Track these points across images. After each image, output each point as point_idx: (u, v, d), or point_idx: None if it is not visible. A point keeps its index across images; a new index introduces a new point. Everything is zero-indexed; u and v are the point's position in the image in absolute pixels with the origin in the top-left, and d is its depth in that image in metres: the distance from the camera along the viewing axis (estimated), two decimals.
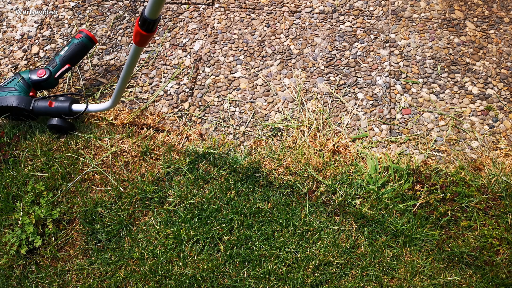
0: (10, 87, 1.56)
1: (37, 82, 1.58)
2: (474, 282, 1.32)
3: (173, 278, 1.36)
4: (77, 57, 1.64)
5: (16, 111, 1.55)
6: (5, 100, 1.53)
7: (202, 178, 1.50)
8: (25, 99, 1.54)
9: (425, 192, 1.43)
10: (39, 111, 1.55)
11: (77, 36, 1.63)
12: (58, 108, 1.55)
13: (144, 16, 1.06)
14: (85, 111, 1.55)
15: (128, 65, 1.28)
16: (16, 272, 1.41)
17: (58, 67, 1.60)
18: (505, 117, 1.61)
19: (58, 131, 1.60)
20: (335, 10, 1.90)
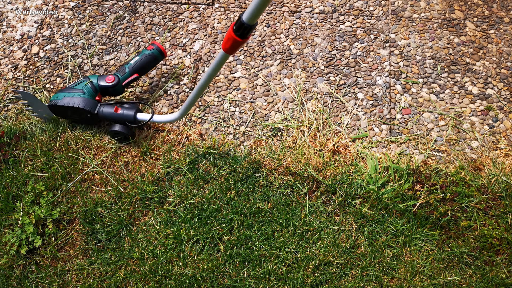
0: (78, 88, 1.55)
1: (105, 88, 1.57)
2: (474, 282, 1.32)
3: (173, 278, 1.36)
4: (146, 68, 1.63)
5: (81, 113, 1.53)
6: (72, 101, 1.51)
7: (202, 178, 1.50)
8: (91, 102, 1.53)
9: (425, 192, 1.43)
10: (104, 116, 1.54)
11: (149, 47, 1.63)
12: (123, 115, 1.53)
13: (241, 20, 0.99)
14: (150, 121, 1.53)
15: (209, 74, 1.20)
16: (16, 272, 1.41)
17: (127, 75, 1.60)
18: (505, 117, 1.61)
19: (119, 138, 1.58)
20: (335, 10, 1.90)
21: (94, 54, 1.84)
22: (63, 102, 1.51)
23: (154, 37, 1.86)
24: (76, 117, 1.57)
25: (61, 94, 1.54)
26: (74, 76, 1.79)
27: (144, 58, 1.61)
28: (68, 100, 1.51)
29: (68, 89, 1.55)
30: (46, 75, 1.80)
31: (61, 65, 1.82)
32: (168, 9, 1.94)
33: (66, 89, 1.56)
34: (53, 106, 1.53)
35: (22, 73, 1.82)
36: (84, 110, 1.51)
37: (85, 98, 1.52)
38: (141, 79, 1.77)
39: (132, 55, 1.74)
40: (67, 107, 1.51)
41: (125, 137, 1.56)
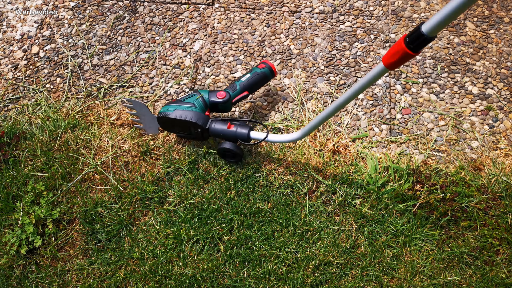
0: (189, 102, 1.48)
1: (215, 104, 1.51)
2: (474, 282, 1.32)
3: (173, 278, 1.36)
4: (256, 86, 1.59)
5: (192, 127, 1.47)
6: (184, 114, 1.45)
7: (202, 178, 1.50)
8: (203, 116, 1.46)
9: (425, 192, 1.43)
10: (215, 132, 1.47)
11: (260, 66, 1.59)
12: (236, 133, 1.45)
13: (420, 31, 0.88)
14: (264, 140, 1.44)
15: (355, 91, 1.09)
16: (16, 272, 1.41)
17: (238, 92, 1.54)
18: (505, 117, 1.61)
19: (229, 156, 1.50)
20: (335, 10, 1.90)
21: (94, 54, 1.84)
22: (174, 114, 1.44)
23: (154, 37, 1.86)
24: (185, 131, 1.51)
25: (171, 107, 1.47)
26: (74, 76, 1.79)
27: (256, 77, 1.56)
28: (180, 113, 1.45)
29: (179, 102, 1.49)
30: (46, 75, 1.80)
31: (61, 65, 1.82)
32: (168, 9, 1.94)
33: (176, 102, 1.49)
34: (163, 118, 1.47)
35: (22, 73, 1.82)
36: (196, 125, 1.44)
37: (197, 112, 1.46)
38: (75, 68, 1.77)
39: (243, 72, 1.69)
40: (178, 120, 1.44)
41: (234, 155, 1.48)
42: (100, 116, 1.66)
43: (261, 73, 1.57)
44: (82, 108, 1.69)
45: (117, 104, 1.71)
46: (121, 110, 1.69)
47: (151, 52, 1.83)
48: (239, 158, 1.51)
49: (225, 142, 1.46)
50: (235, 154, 1.47)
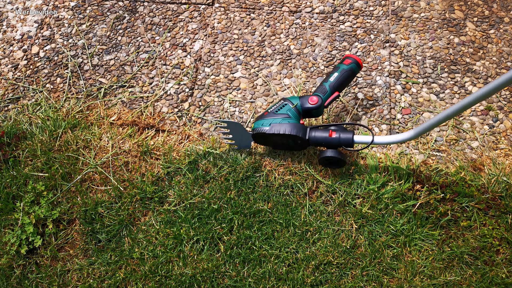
0: (282, 113, 1.42)
1: (308, 110, 1.44)
2: (474, 282, 1.32)
3: (173, 278, 1.36)
4: (346, 84, 1.51)
5: (291, 140, 1.41)
6: (282, 128, 1.39)
7: (202, 178, 1.50)
8: (301, 127, 1.39)
9: (425, 192, 1.43)
10: (316, 141, 1.40)
11: (346, 62, 1.50)
12: (340, 139, 1.38)
13: None
14: (371, 144, 1.37)
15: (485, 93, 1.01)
16: (16, 272, 1.41)
17: (329, 94, 1.46)
18: (505, 117, 1.61)
19: (332, 164, 1.45)
20: (335, 10, 1.90)
21: (94, 54, 1.84)
22: (272, 130, 1.39)
23: (154, 37, 1.86)
24: (282, 143, 1.45)
25: (265, 121, 1.42)
26: (74, 76, 1.79)
27: (344, 74, 1.48)
28: (278, 127, 1.39)
29: (272, 115, 1.43)
30: (46, 75, 1.80)
31: (61, 65, 1.82)
32: (168, 9, 1.94)
33: (269, 115, 1.43)
34: (259, 134, 1.42)
35: (22, 73, 1.82)
36: (296, 137, 1.38)
37: (294, 123, 1.40)
38: (75, 68, 1.76)
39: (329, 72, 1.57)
40: (277, 134, 1.39)
41: (338, 162, 1.42)
42: (100, 116, 1.66)
43: (349, 70, 1.49)
44: (82, 108, 1.69)
45: (117, 104, 1.71)
46: (121, 110, 1.69)
47: (151, 52, 1.83)
48: (344, 164, 1.44)
49: (327, 150, 1.40)
50: (339, 161, 1.41)
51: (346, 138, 1.38)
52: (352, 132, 1.40)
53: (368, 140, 1.37)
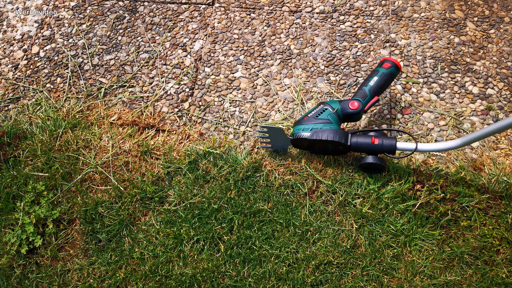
0: (323, 118, 1.40)
1: (349, 115, 1.43)
2: (474, 282, 1.32)
3: (173, 278, 1.36)
4: (385, 88, 1.50)
5: (332, 145, 1.40)
6: (323, 134, 1.37)
7: (202, 178, 1.51)
8: (343, 133, 1.38)
9: (425, 192, 1.43)
10: (358, 147, 1.39)
11: (385, 65, 1.49)
12: (383, 146, 1.36)
13: None
14: (415, 151, 1.36)
15: None
16: (16, 272, 1.41)
17: (369, 98, 1.45)
18: (505, 117, 1.61)
19: (372, 170, 1.45)
20: (335, 10, 1.90)
21: (95, 54, 1.84)
22: (314, 136, 1.38)
23: (154, 37, 1.86)
24: (322, 149, 1.45)
25: (306, 126, 1.41)
26: (74, 76, 1.79)
27: (384, 78, 1.47)
28: (320, 133, 1.37)
29: (312, 120, 1.41)
30: (46, 75, 1.80)
31: (61, 65, 1.82)
32: (168, 9, 1.94)
33: (309, 120, 1.42)
34: (299, 139, 1.41)
35: (23, 73, 1.82)
36: (338, 143, 1.37)
37: (335, 129, 1.38)
38: (75, 68, 1.76)
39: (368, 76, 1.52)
40: (318, 140, 1.38)
41: (378, 168, 1.42)
42: (100, 116, 1.66)
43: (389, 73, 1.49)
44: (83, 108, 1.69)
45: (117, 104, 1.71)
46: (122, 110, 1.69)
47: (151, 52, 1.83)
48: (384, 170, 1.44)
49: (368, 156, 1.39)
50: (380, 167, 1.40)
51: (389, 145, 1.37)
52: (395, 139, 1.38)
53: (411, 147, 1.36)
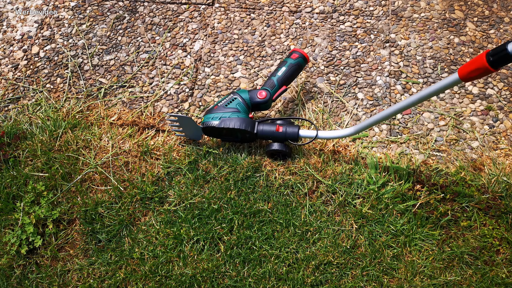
0: (231, 107, 1.46)
1: (257, 104, 1.49)
2: (474, 282, 1.32)
3: (173, 278, 1.36)
4: (293, 78, 1.56)
5: (239, 133, 1.46)
6: (231, 122, 1.43)
7: (202, 178, 1.50)
8: (249, 121, 1.44)
9: (425, 192, 1.43)
10: (264, 135, 1.46)
11: (293, 56, 1.55)
12: (286, 133, 1.44)
13: (507, 51, 0.90)
14: (316, 138, 1.44)
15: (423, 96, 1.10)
16: (16, 272, 1.41)
17: (277, 88, 1.51)
18: (505, 117, 1.61)
19: (278, 156, 1.51)
20: (335, 10, 1.90)
21: (94, 54, 1.84)
22: (221, 124, 1.43)
23: (154, 37, 1.86)
24: (231, 137, 1.50)
25: (215, 115, 1.46)
26: (74, 76, 1.79)
27: (292, 68, 1.53)
28: (227, 121, 1.43)
29: (221, 109, 1.47)
30: (46, 75, 1.80)
31: (61, 65, 1.82)
32: (168, 9, 1.94)
33: (218, 109, 1.47)
34: (209, 128, 1.46)
35: (23, 73, 1.82)
36: (244, 131, 1.43)
37: (243, 118, 1.44)
38: (75, 68, 1.77)
39: (276, 66, 1.59)
40: (226, 128, 1.43)
41: (286, 155, 1.49)
42: (100, 116, 1.66)
43: (296, 64, 1.54)
44: (82, 108, 1.69)
45: (117, 104, 1.71)
46: (121, 110, 1.69)
47: (151, 52, 1.83)
48: (289, 156, 1.51)
49: (273, 143, 1.46)
50: (285, 153, 1.48)
51: (292, 133, 1.44)
52: (298, 127, 1.46)
53: (312, 134, 1.44)
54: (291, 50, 1.61)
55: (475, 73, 0.97)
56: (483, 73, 0.97)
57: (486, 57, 0.94)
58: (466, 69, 0.99)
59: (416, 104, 1.15)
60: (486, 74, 0.97)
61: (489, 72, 0.95)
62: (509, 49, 0.90)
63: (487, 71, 0.95)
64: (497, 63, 0.93)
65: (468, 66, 0.98)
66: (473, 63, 0.96)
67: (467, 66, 0.98)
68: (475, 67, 0.96)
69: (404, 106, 1.17)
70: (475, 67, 0.96)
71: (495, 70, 0.95)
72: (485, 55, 0.94)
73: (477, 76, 0.98)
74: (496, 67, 0.94)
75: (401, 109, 1.18)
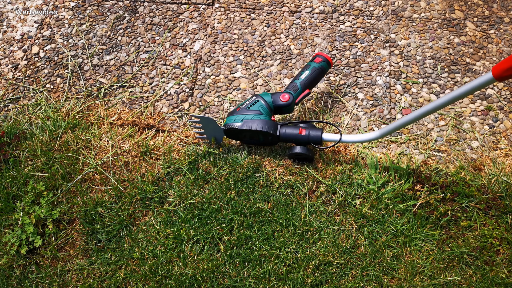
0: (254, 110, 1.45)
1: (280, 107, 1.48)
2: (474, 282, 1.32)
3: (173, 278, 1.36)
4: (316, 82, 1.55)
5: (262, 135, 1.45)
6: (253, 124, 1.42)
7: (202, 178, 1.50)
8: (272, 124, 1.43)
9: (425, 192, 1.43)
10: (286, 138, 1.44)
11: (317, 60, 1.55)
12: (309, 137, 1.43)
13: None
14: (339, 142, 1.42)
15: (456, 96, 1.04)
16: (16, 272, 1.41)
17: (300, 91, 1.50)
18: (505, 117, 1.61)
19: (300, 159, 1.50)
20: (335, 10, 1.90)
21: (94, 54, 1.84)
22: (244, 126, 1.42)
23: (154, 37, 1.86)
24: (253, 139, 1.49)
25: (238, 117, 1.45)
26: (74, 76, 1.79)
27: (315, 72, 1.52)
28: (250, 123, 1.42)
29: (244, 111, 1.46)
30: (46, 75, 1.80)
31: (61, 65, 1.82)
32: (168, 9, 1.94)
33: (241, 111, 1.46)
34: (232, 130, 1.45)
35: (23, 73, 1.82)
36: (267, 133, 1.42)
37: (265, 120, 1.43)
38: (75, 68, 1.77)
39: (300, 70, 1.56)
40: (248, 130, 1.42)
41: (306, 158, 1.48)
42: (100, 116, 1.66)
43: (319, 68, 1.54)
44: (82, 108, 1.69)
45: (117, 104, 1.71)
46: (121, 110, 1.69)
47: (151, 52, 1.83)
48: (311, 160, 1.49)
49: (296, 146, 1.45)
50: (307, 157, 1.46)
51: (315, 136, 1.43)
52: (321, 130, 1.44)
53: (336, 138, 1.43)
54: (315, 54, 1.60)
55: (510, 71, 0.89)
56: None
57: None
58: (501, 67, 0.90)
59: (445, 106, 1.10)
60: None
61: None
62: None
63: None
64: None
65: (504, 64, 0.90)
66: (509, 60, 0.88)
67: (503, 63, 0.90)
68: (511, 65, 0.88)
69: (434, 108, 1.11)
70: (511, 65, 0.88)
71: None
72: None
73: None
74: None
75: (429, 111, 1.12)
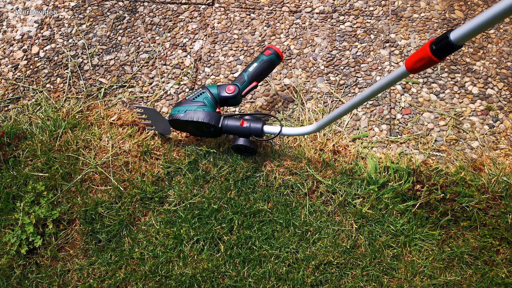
0: (199, 101, 1.46)
1: (225, 98, 1.48)
2: (474, 282, 1.32)
3: (173, 278, 1.36)
4: (264, 75, 1.55)
5: (205, 127, 1.46)
6: (195, 115, 1.43)
7: (202, 178, 1.50)
8: (215, 115, 1.44)
9: (425, 192, 1.43)
10: (228, 130, 1.46)
11: (266, 52, 1.54)
12: (250, 129, 1.44)
13: (449, 40, 0.83)
14: (279, 134, 1.44)
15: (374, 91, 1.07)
16: (16, 272, 1.41)
17: (246, 84, 1.51)
18: (505, 117, 1.61)
19: (243, 152, 1.52)
20: (335, 10, 1.90)
21: (94, 54, 1.84)
22: (186, 116, 1.43)
23: (154, 37, 1.86)
24: (197, 131, 1.50)
25: (182, 108, 1.46)
26: (74, 76, 1.79)
27: (263, 65, 1.52)
28: (192, 114, 1.43)
29: (189, 102, 1.47)
30: (46, 75, 1.80)
31: (61, 65, 1.82)
32: (168, 9, 1.94)
33: (186, 102, 1.47)
34: (175, 120, 1.46)
35: (22, 73, 1.82)
36: (209, 125, 1.43)
37: (208, 111, 1.44)
38: (75, 68, 1.77)
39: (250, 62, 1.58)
40: (190, 121, 1.44)
41: (250, 151, 1.50)
42: (100, 116, 1.66)
43: (268, 60, 1.53)
44: (82, 108, 1.69)
45: (117, 104, 1.71)
46: (121, 110, 1.69)
47: (151, 52, 1.83)
48: (254, 152, 1.51)
49: (239, 138, 1.46)
50: (249, 149, 1.48)
51: (255, 128, 1.44)
52: (262, 122, 1.45)
53: (276, 130, 1.44)
54: (266, 46, 1.62)
55: (420, 63, 0.91)
56: (427, 63, 0.90)
57: (429, 47, 0.88)
58: (411, 60, 0.93)
59: (369, 99, 1.13)
60: (430, 64, 0.90)
61: (434, 62, 0.89)
62: (451, 37, 0.83)
63: (431, 61, 0.89)
64: (440, 52, 0.87)
65: (414, 57, 0.92)
66: (418, 53, 0.90)
67: (413, 56, 0.93)
68: (420, 57, 0.90)
69: (359, 101, 1.14)
70: (419, 57, 0.90)
71: (439, 60, 0.89)
72: (429, 45, 0.89)
73: (423, 66, 0.92)
74: (440, 56, 0.88)
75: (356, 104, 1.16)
